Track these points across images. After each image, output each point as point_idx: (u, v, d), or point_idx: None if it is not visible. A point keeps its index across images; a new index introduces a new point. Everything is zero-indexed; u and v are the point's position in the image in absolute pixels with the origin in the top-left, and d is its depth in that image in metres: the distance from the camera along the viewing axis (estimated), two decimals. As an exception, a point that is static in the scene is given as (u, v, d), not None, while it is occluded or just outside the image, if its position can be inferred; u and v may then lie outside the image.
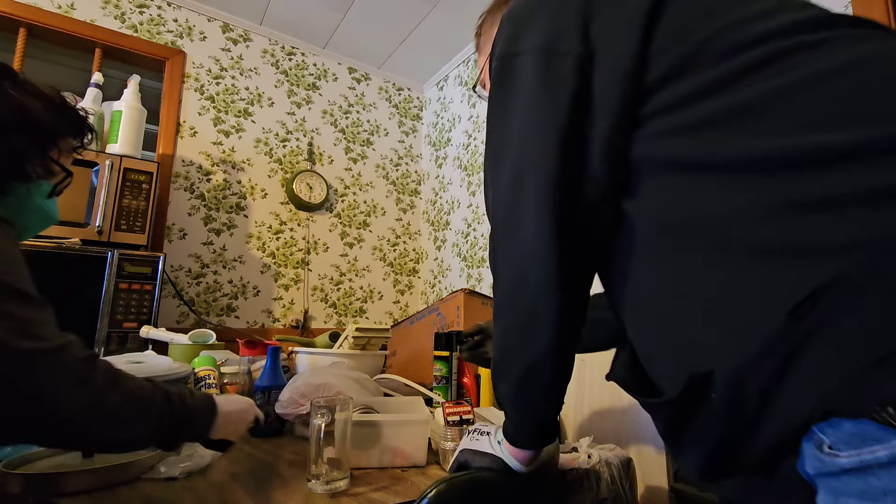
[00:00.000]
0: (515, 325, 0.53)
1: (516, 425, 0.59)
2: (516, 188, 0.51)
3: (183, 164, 2.27)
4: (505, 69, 0.54)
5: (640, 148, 0.47)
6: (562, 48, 0.50)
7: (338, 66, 2.86)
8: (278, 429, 1.00)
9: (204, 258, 2.27)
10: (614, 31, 0.49)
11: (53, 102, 0.70)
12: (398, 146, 3.04)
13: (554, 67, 0.50)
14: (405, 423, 0.82)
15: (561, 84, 0.49)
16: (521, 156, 0.51)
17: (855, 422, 0.32)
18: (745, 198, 0.39)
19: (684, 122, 0.44)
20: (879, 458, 0.31)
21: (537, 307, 0.50)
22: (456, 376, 1.24)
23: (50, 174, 0.70)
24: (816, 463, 0.35)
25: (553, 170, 0.48)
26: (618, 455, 0.84)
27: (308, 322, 2.50)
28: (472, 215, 2.59)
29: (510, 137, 0.53)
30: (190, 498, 0.65)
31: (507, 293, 0.53)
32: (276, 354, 1.06)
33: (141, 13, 2.26)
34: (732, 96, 0.42)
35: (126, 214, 1.74)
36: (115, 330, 1.61)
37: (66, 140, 0.73)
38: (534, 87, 0.51)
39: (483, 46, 0.82)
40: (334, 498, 0.66)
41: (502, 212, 0.53)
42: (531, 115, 0.51)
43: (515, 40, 0.54)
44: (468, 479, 0.60)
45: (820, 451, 0.34)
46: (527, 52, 0.53)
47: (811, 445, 0.35)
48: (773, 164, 0.39)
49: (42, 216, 0.72)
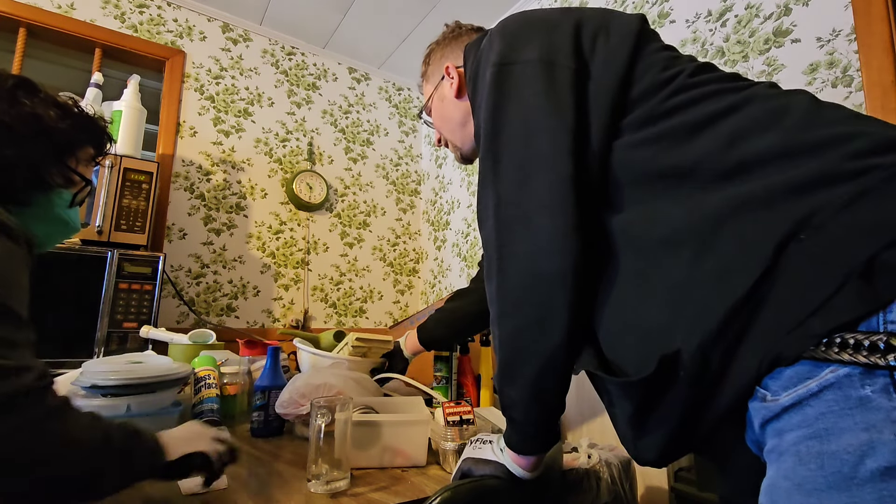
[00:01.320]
0: (527, 322, 0.53)
1: (523, 431, 0.58)
2: (523, 187, 0.52)
3: (183, 164, 2.27)
4: (502, 76, 0.56)
5: (615, 155, 0.52)
6: (560, 61, 0.54)
7: (338, 66, 2.86)
8: (278, 429, 1.00)
9: (204, 258, 2.27)
10: (603, 56, 0.55)
11: (70, 111, 0.70)
12: (398, 146, 3.04)
13: (556, 76, 0.54)
14: (405, 423, 0.82)
15: (565, 90, 0.53)
16: (529, 156, 0.53)
17: (793, 366, 0.38)
18: (699, 202, 0.46)
19: (649, 136, 0.51)
20: (811, 389, 0.37)
21: (553, 302, 0.51)
22: (456, 376, 1.24)
23: (69, 183, 0.70)
24: (762, 412, 0.41)
25: (568, 166, 0.51)
26: (618, 455, 0.84)
27: (308, 322, 2.50)
28: (472, 215, 2.59)
29: (512, 139, 0.54)
30: (190, 498, 0.65)
31: (517, 290, 0.53)
32: (276, 354, 1.06)
33: (141, 13, 2.26)
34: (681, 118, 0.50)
35: (126, 214, 1.73)
36: (115, 330, 1.61)
37: (85, 149, 0.73)
38: (539, 93, 0.53)
39: (430, 76, 0.87)
40: (334, 498, 0.66)
41: (507, 210, 0.54)
42: (538, 117, 0.53)
43: (511, 51, 0.57)
44: (473, 487, 0.60)
45: (764, 402, 0.40)
46: (526, 62, 0.55)
47: (756, 402, 0.41)
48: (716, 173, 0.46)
49: (64, 226, 0.72)
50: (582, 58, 0.55)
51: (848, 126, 0.44)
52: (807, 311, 0.38)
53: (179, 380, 0.96)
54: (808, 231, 0.39)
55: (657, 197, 0.49)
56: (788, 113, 0.46)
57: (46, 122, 0.65)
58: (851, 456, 0.34)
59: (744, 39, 1.43)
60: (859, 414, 0.35)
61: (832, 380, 0.36)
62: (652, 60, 0.54)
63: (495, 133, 0.56)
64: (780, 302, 0.39)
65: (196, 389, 1.03)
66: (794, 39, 1.31)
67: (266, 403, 0.98)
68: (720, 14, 1.51)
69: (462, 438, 0.79)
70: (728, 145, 0.46)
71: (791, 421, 0.39)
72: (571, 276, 0.50)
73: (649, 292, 0.47)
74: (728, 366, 0.42)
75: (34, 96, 0.66)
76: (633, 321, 0.49)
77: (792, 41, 1.32)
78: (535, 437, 0.58)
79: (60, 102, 0.69)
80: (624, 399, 0.49)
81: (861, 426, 0.35)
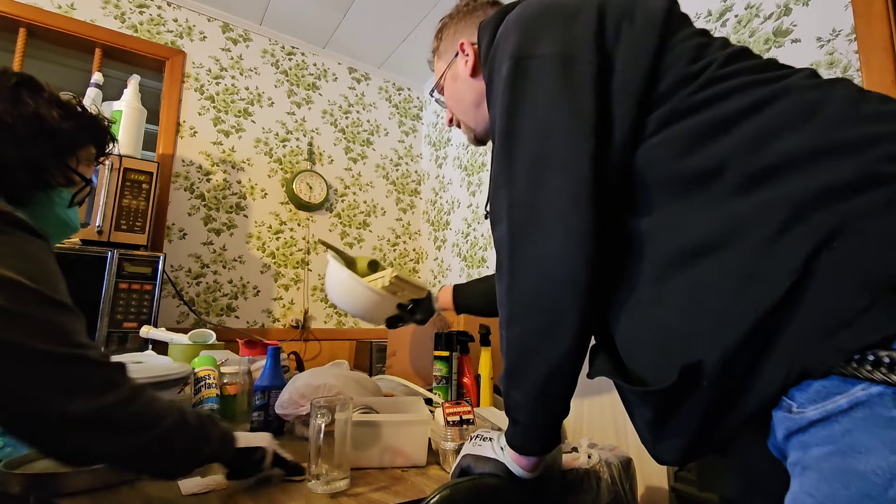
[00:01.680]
0: (537, 327, 0.52)
1: (526, 433, 0.58)
2: (537, 189, 0.51)
3: (183, 164, 2.27)
4: (518, 71, 0.54)
5: (638, 154, 0.50)
6: (580, 56, 0.51)
7: (338, 66, 2.86)
8: (278, 429, 1.00)
9: (204, 258, 2.27)
10: (628, 47, 0.51)
11: (73, 111, 0.70)
12: (398, 146, 3.04)
13: (576, 73, 0.51)
14: (405, 423, 0.82)
15: (584, 87, 0.50)
16: (544, 158, 0.51)
17: (822, 380, 0.37)
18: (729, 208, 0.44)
19: (675, 135, 0.48)
20: (841, 405, 0.36)
21: (563, 308, 0.50)
22: (456, 376, 1.24)
23: (70, 183, 0.70)
24: (787, 423, 0.40)
25: (586, 170, 0.49)
26: (618, 455, 0.84)
27: (308, 322, 2.50)
28: (472, 215, 2.59)
29: (527, 139, 0.52)
30: (190, 498, 0.65)
31: (527, 294, 0.52)
32: (277, 354, 1.06)
33: (141, 13, 2.26)
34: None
35: (126, 214, 1.73)
36: (115, 330, 1.61)
37: (87, 149, 0.73)
38: (556, 91, 0.51)
39: (443, 52, 0.82)
40: (334, 498, 0.66)
41: (520, 212, 0.52)
42: (555, 117, 0.51)
43: (528, 44, 0.54)
44: (472, 485, 0.59)
45: (789, 413, 0.39)
46: (544, 57, 0.52)
47: (781, 412, 0.40)
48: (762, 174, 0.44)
49: (63, 225, 0.72)
50: (604, 50, 0.51)
51: (887, 124, 0.41)
52: (838, 325, 0.36)
53: (179, 380, 0.96)
54: (839, 240, 0.37)
55: (680, 199, 0.47)
56: (822, 108, 0.43)
57: (49, 122, 0.65)
58: (880, 479, 0.33)
59: (744, 39, 1.43)
60: (889, 435, 0.34)
61: (863, 398, 0.35)
62: (680, 50, 0.51)
63: (510, 132, 0.54)
64: (810, 314, 0.38)
65: (196, 389, 1.03)
66: (794, 39, 1.31)
67: (266, 403, 0.98)
68: (720, 14, 1.51)
69: (462, 438, 0.79)
70: (756, 146, 0.44)
71: (817, 435, 0.38)
72: (584, 283, 0.49)
73: (668, 298, 0.46)
74: (752, 376, 0.40)
75: (37, 95, 0.66)
76: (651, 327, 0.47)
77: (792, 41, 1.32)
78: (538, 440, 0.58)
79: (63, 102, 0.69)
80: (642, 406, 0.49)
81: (890, 448, 0.33)
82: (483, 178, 2.55)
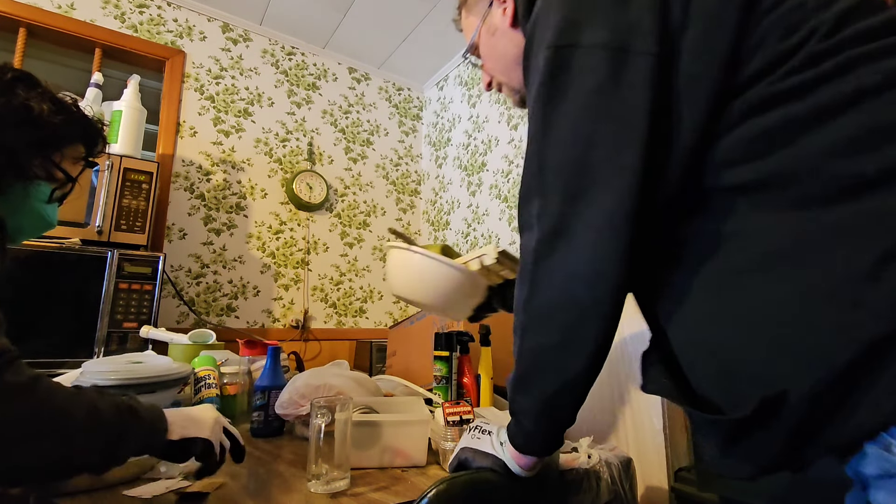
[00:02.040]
0: (552, 343, 0.49)
1: (530, 436, 0.57)
2: (572, 202, 0.45)
3: (183, 164, 2.27)
4: (558, 62, 0.45)
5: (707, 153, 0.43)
6: (635, 46, 0.42)
7: (338, 66, 2.86)
8: (278, 429, 1.00)
9: (204, 258, 2.27)
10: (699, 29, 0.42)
11: (66, 108, 0.69)
12: (398, 146, 3.04)
13: (628, 68, 0.43)
14: (405, 423, 0.82)
15: (638, 88, 0.42)
16: (582, 168, 0.45)
17: None
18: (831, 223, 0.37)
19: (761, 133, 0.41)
20: None
21: (581, 330, 0.47)
22: (456, 376, 1.24)
23: (51, 178, 0.69)
24: (883, 464, 0.35)
25: (631, 186, 0.42)
26: (618, 455, 0.84)
27: (308, 322, 2.50)
28: (472, 215, 2.59)
29: (565, 145, 0.46)
30: (189, 498, 0.65)
31: (546, 308, 0.49)
32: (277, 354, 1.06)
33: (141, 13, 2.26)
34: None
35: (126, 214, 1.73)
36: (115, 330, 1.61)
37: (75, 146, 0.72)
38: (602, 92, 0.43)
39: (473, 5, 0.70)
40: (334, 498, 0.66)
41: (551, 223, 0.47)
42: (599, 124, 0.44)
43: (572, 28, 0.45)
44: (468, 480, 0.59)
45: (888, 452, 0.35)
46: (590, 47, 0.44)
47: (877, 447, 0.35)
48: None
49: (38, 220, 0.70)
50: (667, 36, 0.42)
51: None
52: None
53: (179, 380, 0.96)
54: None
55: (755, 205, 0.41)
56: None
57: (36, 113, 0.64)
58: None
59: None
60: None
61: None
62: (770, 22, 0.40)
63: (545, 133, 0.47)
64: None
65: (196, 389, 1.03)
66: None
67: (266, 403, 0.98)
68: (720, 14, 1.51)
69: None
70: (851, 149, 0.36)
71: None
72: (607, 306, 0.45)
73: (739, 316, 0.41)
74: (846, 408, 0.36)
75: (32, 90, 0.66)
76: (716, 349, 0.43)
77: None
78: (541, 443, 0.58)
79: (58, 98, 0.68)
80: (710, 430, 0.44)
81: None
82: (483, 178, 2.55)
